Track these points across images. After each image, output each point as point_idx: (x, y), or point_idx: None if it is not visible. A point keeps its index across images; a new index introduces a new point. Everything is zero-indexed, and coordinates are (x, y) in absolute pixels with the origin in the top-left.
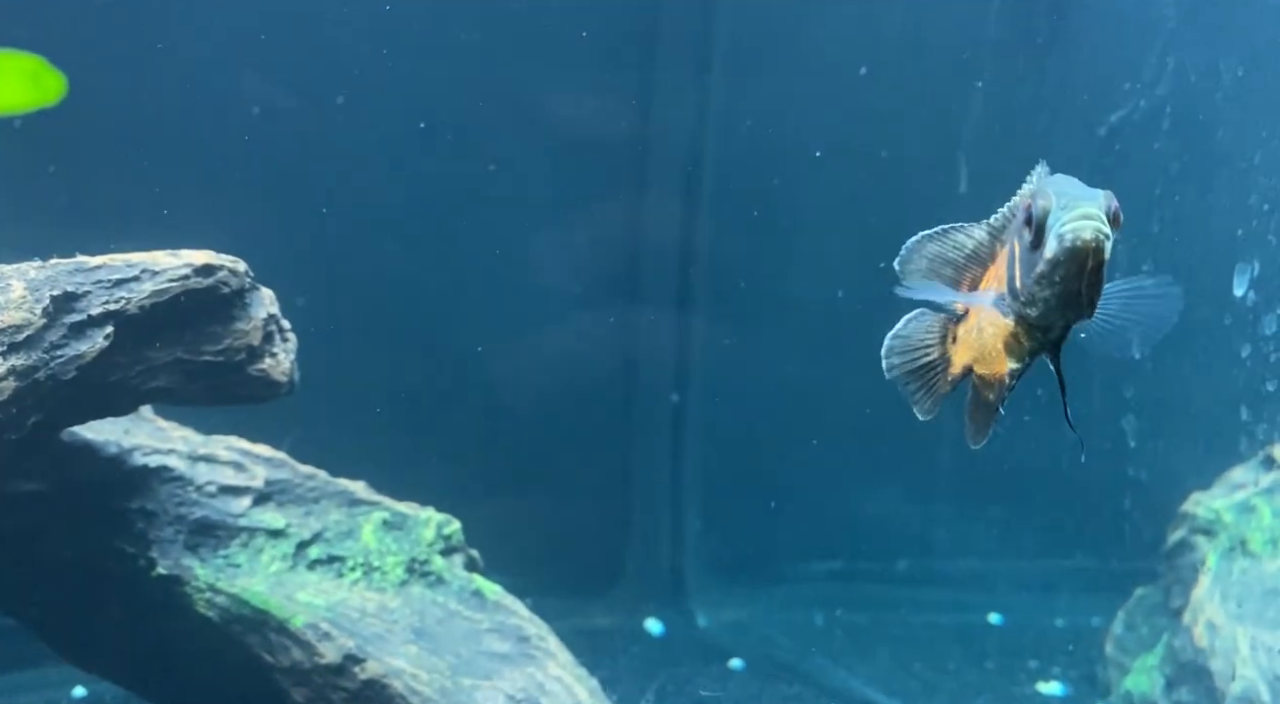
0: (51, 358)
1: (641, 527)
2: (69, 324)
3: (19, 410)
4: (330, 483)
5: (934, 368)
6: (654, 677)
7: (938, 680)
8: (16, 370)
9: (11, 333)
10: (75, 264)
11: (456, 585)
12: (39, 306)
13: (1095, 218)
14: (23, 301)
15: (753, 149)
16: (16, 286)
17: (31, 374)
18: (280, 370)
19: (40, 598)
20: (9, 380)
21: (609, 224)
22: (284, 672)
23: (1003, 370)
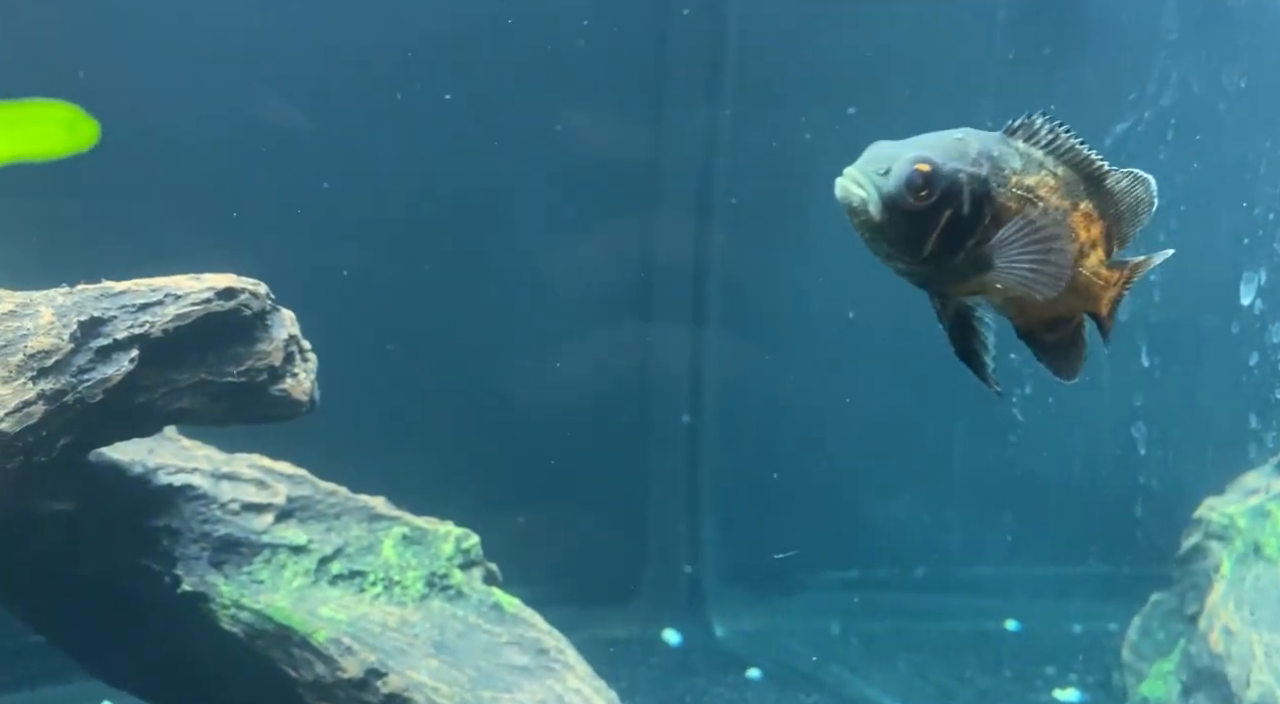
0: (79, 381)
1: (658, 537)
2: (96, 348)
3: (49, 433)
4: (351, 499)
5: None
6: (672, 687)
7: (955, 688)
8: (46, 394)
9: (41, 358)
10: (101, 289)
11: (476, 599)
12: (67, 332)
13: (850, 176)
14: (51, 327)
15: (765, 167)
16: (45, 312)
17: (60, 398)
18: (301, 390)
19: (69, 615)
20: (39, 404)
21: (624, 242)
22: (307, 686)
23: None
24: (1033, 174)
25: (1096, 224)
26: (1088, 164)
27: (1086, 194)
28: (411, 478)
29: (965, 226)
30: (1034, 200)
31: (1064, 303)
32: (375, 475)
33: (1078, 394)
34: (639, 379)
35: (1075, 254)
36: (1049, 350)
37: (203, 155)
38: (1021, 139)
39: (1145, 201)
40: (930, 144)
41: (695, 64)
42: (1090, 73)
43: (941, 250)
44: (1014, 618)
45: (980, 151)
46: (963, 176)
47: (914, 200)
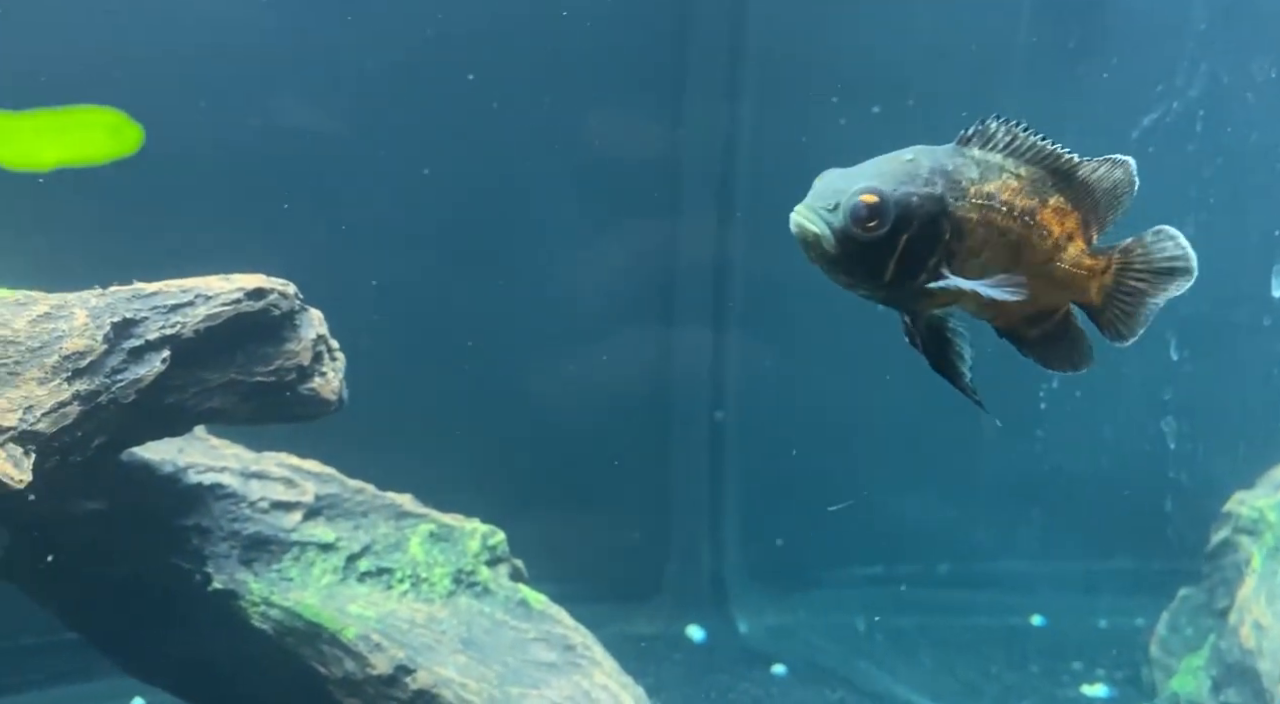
0: (113, 382)
1: (681, 534)
2: (128, 349)
3: (83, 433)
4: (378, 496)
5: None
6: (697, 683)
7: (981, 684)
8: (80, 395)
9: (75, 359)
10: (133, 291)
11: (502, 595)
12: (100, 333)
13: (801, 213)
14: (85, 328)
15: (785, 165)
16: (79, 314)
17: (94, 398)
18: (330, 389)
19: (102, 612)
20: (73, 405)
21: (646, 241)
22: (337, 683)
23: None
24: (992, 180)
25: (1071, 216)
26: (1054, 160)
27: (1056, 189)
28: (437, 476)
29: (924, 247)
30: (996, 205)
31: (1045, 297)
32: (401, 473)
33: (1106, 388)
34: (662, 377)
35: (1049, 250)
36: (1034, 345)
37: (232, 157)
38: (977, 146)
39: (1124, 183)
40: (878, 171)
41: (715, 62)
42: (1116, 64)
43: (903, 274)
44: (1040, 613)
45: (933, 169)
46: (914, 200)
47: (865, 232)
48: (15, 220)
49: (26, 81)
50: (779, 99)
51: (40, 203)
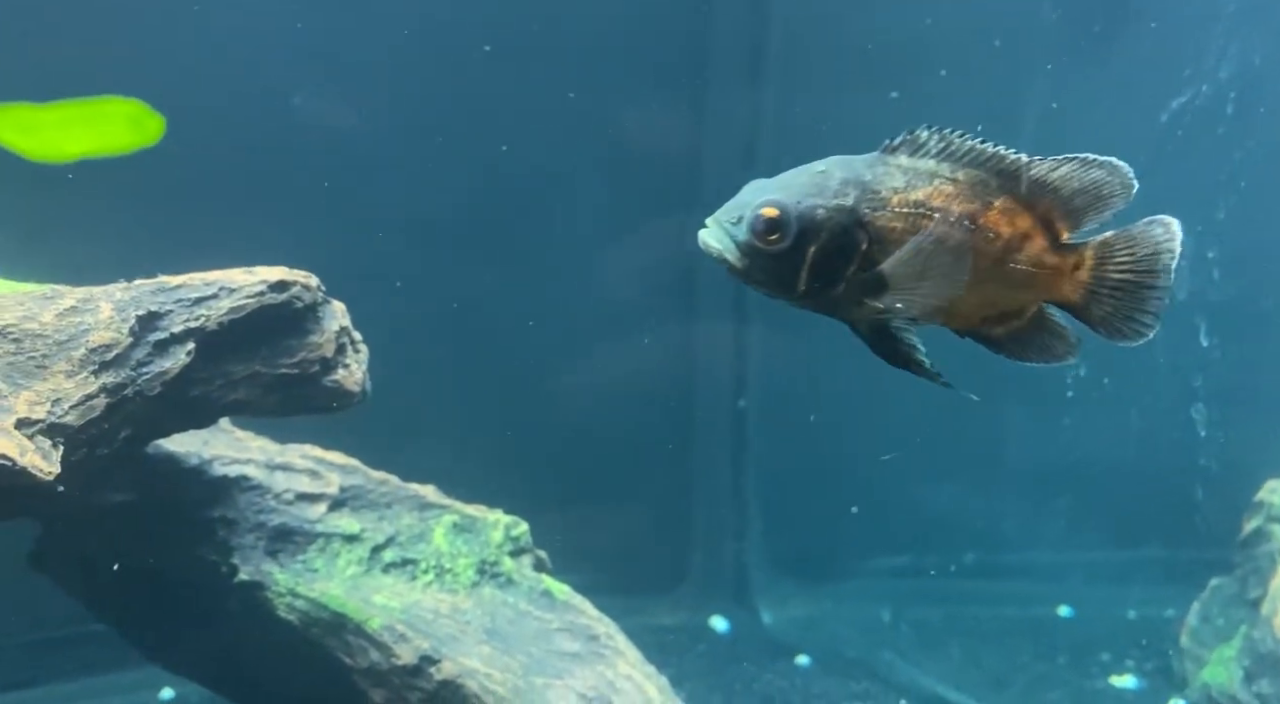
0: (138, 375)
1: (704, 526)
2: (153, 342)
3: (110, 426)
4: (402, 488)
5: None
6: (721, 673)
7: (1008, 675)
8: (107, 388)
9: (102, 352)
10: (157, 284)
11: (526, 586)
12: (125, 326)
13: (708, 228)
14: (111, 322)
15: (808, 155)
16: (105, 307)
17: (120, 391)
18: (353, 380)
19: (130, 604)
20: (100, 397)
21: (668, 232)
22: (362, 673)
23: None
24: (921, 187)
25: (1024, 215)
26: (995, 161)
27: (1002, 191)
28: (459, 467)
29: (839, 258)
30: (927, 213)
31: (1004, 299)
32: (424, 465)
33: (1135, 375)
34: (685, 367)
35: (999, 251)
36: (1004, 343)
37: (254, 150)
38: (905, 155)
39: (1108, 184)
40: (787, 183)
41: (738, 52)
42: (1145, 47)
43: (818, 284)
44: (1067, 604)
45: (845, 180)
46: (820, 212)
47: (767, 245)
48: (42, 216)
49: (51, 75)
50: (801, 87)
51: (65, 198)
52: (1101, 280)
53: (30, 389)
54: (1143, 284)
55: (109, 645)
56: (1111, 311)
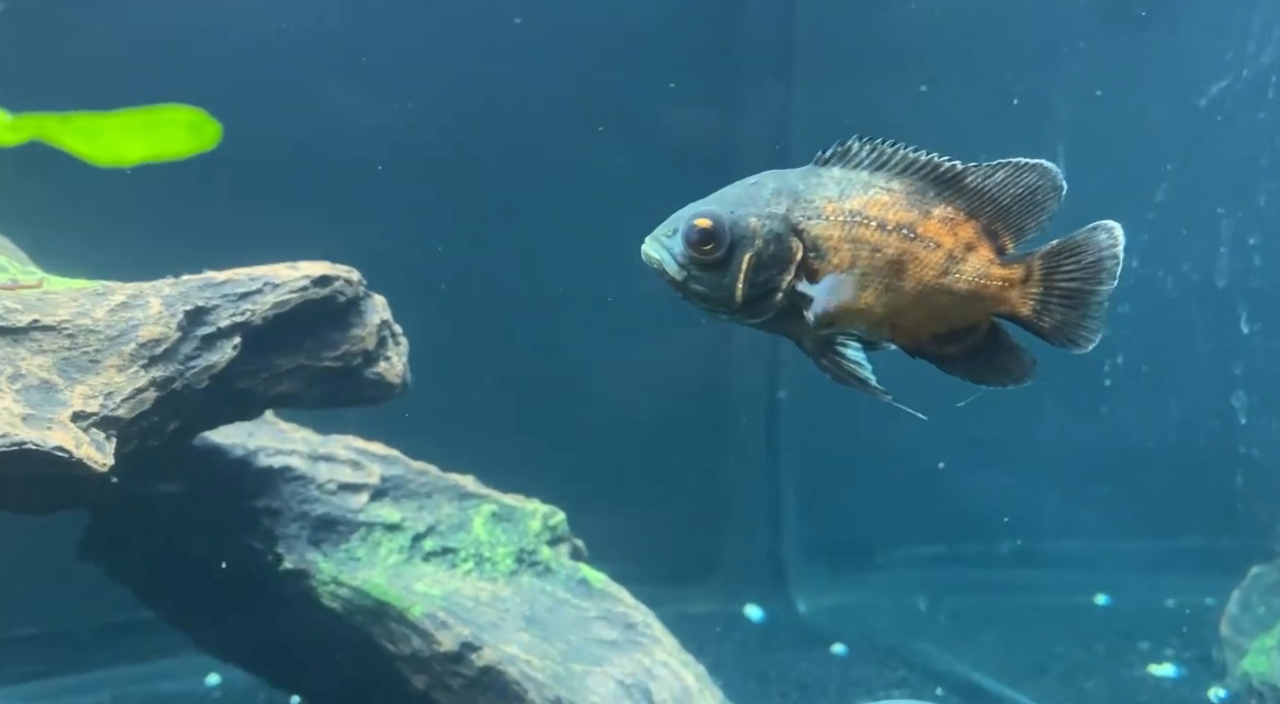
0: (187, 369)
1: (738, 514)
2: (201, 336)
3: (160, 418)
4: (441, 478)
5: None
6: (757, 661)
7: (1046, 663)
8: (157, 381)
9: (151, 346)
10: (204, 280)
11: (563, 574)
12: (174, 321)
13: (648, 243)
14: (160, 317)
15: None
16: (154, 303)
17: (170, 384)
18: (394, 373)
19: (178, 592)
20: (150, 391)
21: None
22: (405, 660)
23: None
24: (856, 196)
25: (965, 225)
26: (930, 170)
27: (942, 200)
28: (496, 458)
29: (774, 266)
30: (863, 221)
31: (953, 313)
32: (461, 455)
33: (1174, 362)
34: (721, 359)
35: (942, 262)
36: (958, 362)
37: (293, 146)
38: (838, 166)
39: (1041, 189)
40: (720, 196)
41: (768, 42)
42: (1185, 31)
43: (756, 294)
44: (1104, 593)
45: (777, 190)
46: (752, 221)
47: (703, 255)
48: (91, 215)
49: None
50: (832, 80)
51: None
52: (1051, 290)
53: (84, 383)
54: (1087, 290)
55: (157, 633)
56: (1062, 320)
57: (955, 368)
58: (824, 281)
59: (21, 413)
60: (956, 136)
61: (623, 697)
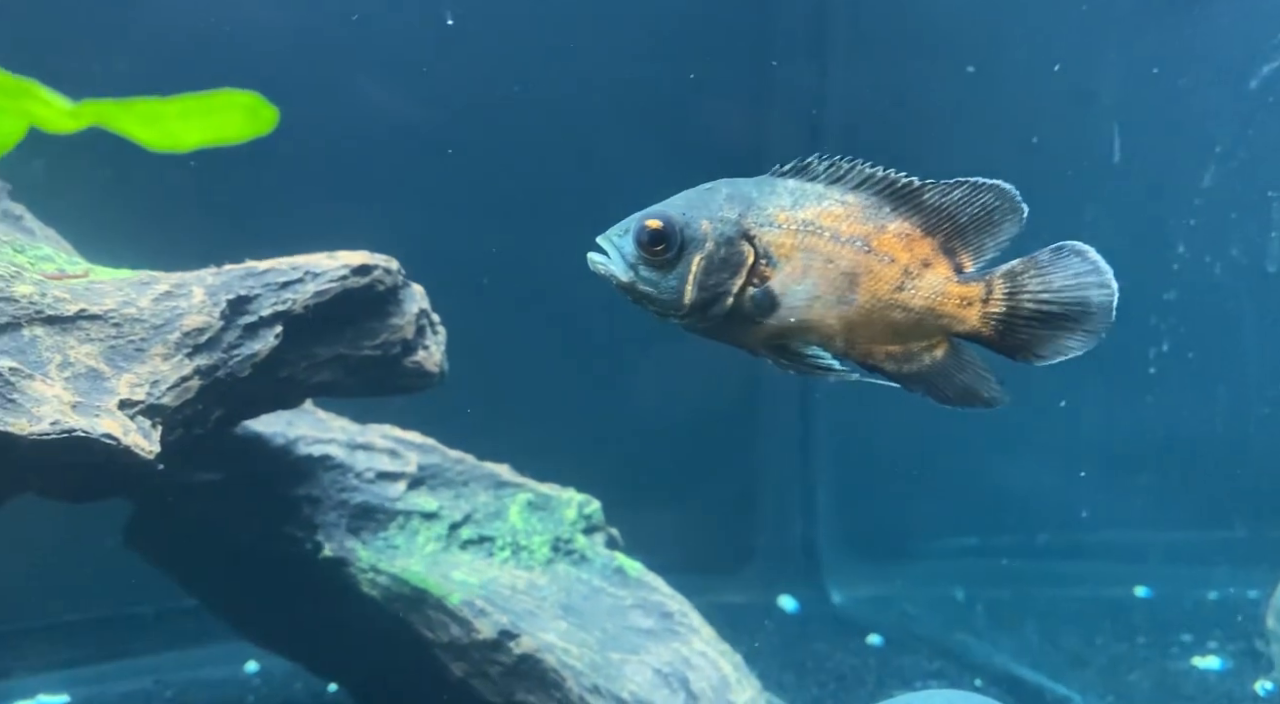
0: (229, 357)
1: (772, 505)
2: (243, 325)
3: (203, 406)
4: (477, 466)
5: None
6: (792, 652)
7: (1087, 655)
8: (201, 370)
9: (195, 335)
10: (246, 269)
11: (599, 563)
12: (217, 310)
13: (598, 242)
14: (203, 306)
15: (876, 133)
16: (197, 292)
17: (213, 373)
18: (432, 362)
19: (219, 579)
20: (194, 379)
21: None
22: (443, 647)
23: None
24: (809, 206)
25: (922, 242)
26: (886, 185)
27: (899, 215)
28: (530, 447)
29: (724, 270)
30: (817, 231)
31: (909, 330)
32: (496, 444)
33: (1221, 350)
34: None
35: (897, 276)
36: (918, 380)
37: (332, 136)
38: (793, 178)
39: (999, 208)
40: (674, 200)
41: (803, 22)
42: (1229, 13)
43: (707, 298)
44: (1144, 585)
45: (731, 196)
46: (703, 224)
47: (653, 255)
48: (136, 205)
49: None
50: (869, 62)
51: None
52: (1015, 311)
53: (130, 371)
54: (1068, 318)
55: (197, 620)
56: (1029, 339)
57: (916, 387)
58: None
59: (71, 400)
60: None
61: (660, 685)
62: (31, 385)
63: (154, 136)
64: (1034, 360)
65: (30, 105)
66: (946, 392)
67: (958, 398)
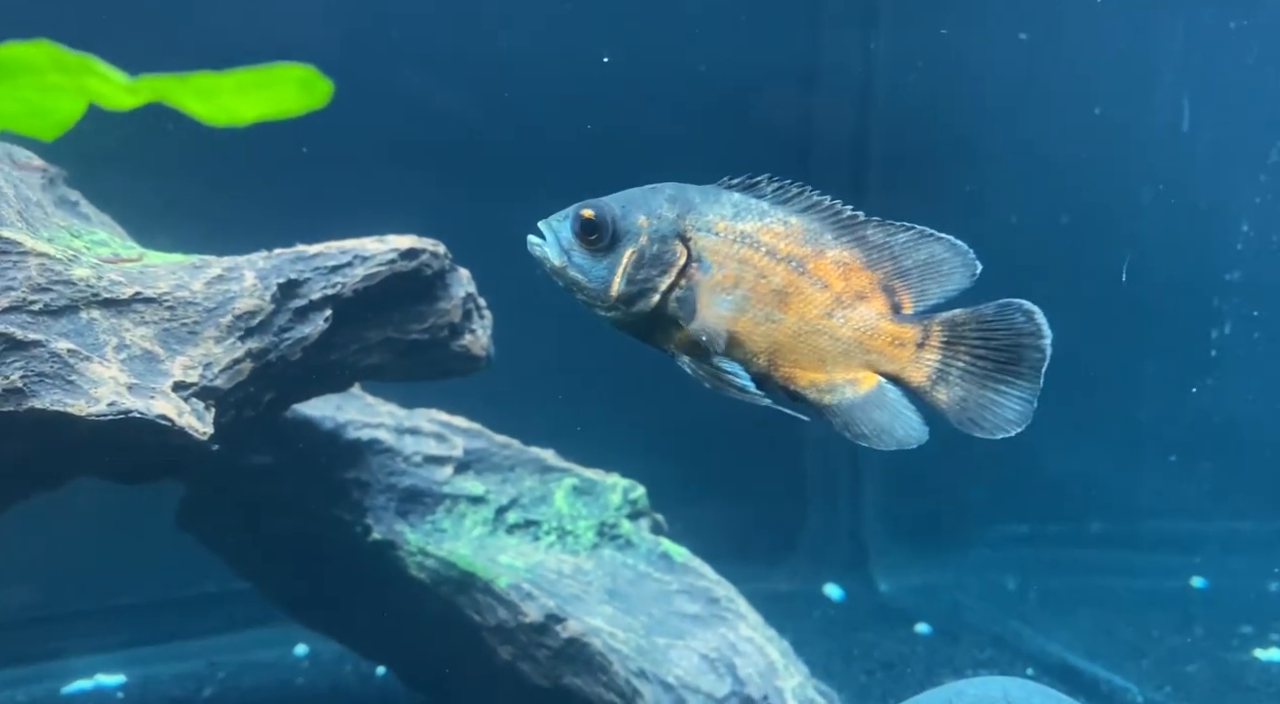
0: (280, 340)
1: (818, 493)
2: (294, 309)
3: (256, 389)
4: (523, 451)
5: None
6: (839, 640)
7: (1144, 646)
8: (253, 353)
9: (247, 318)
10: (296, 253)
11: (644, 548)
12: (268, 293)
13: (539, 225)
14: (254, 289)
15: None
16: (249, 276)
17: (265, 356)
18: (479, 345)
19: (269, 562)
20: (247, 362)
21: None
22: (491, 630)
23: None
24: (749, 220)
25: (861, 274)
26: (828, 212)
27: (840, 244)
28: (575, 433)
29: (654, 267)
30: (754, 245)
31: (835, 360)
32: (541, 429)
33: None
34: None
35: (828, 303)
36: (833, 412)
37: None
38: (740, 191)
39: (949, 263)
40: (618, 195)
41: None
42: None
43: (633, 292)
44: (1201, 575)
45: (672, 197)
46: (639, 219)
47: (586, 244)
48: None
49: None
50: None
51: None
52: (952, 362)
53: (184, 354)
54: (1003, 377)
55: (247, 603)
56: (964, 396)
57: (833, 418)
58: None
59: (127, 382)
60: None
61: (707, 670)
62: (89, 367)
63: (211, 111)
64: (973, 428)
65: (89, 81)
66: (862, 429)
67: (873, 436)
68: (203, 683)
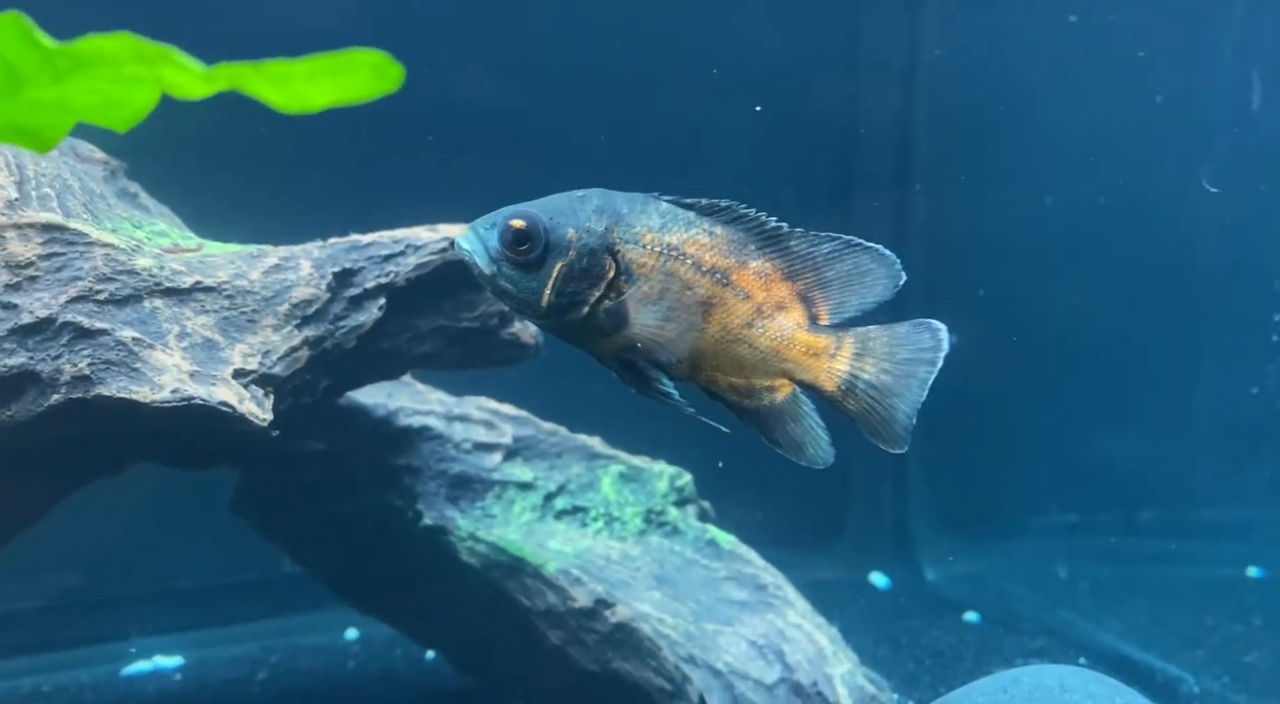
0: (336, 329)
1: (863, 480)
2: (348, 298)
3: (312, 376)
4: (570, 438)
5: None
6: (886, 628)
7: (1198, 635)
8: (309, 340)
9: (303, 307)
10: (350, 242)
11: (692, 535)
12: (323, 282)
13: (465, 234)
14: (310, 278)
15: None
16: (305, 265)
17: (321, 343)
18: (529, 334)
19: (322, 547)
20: (304, 350)
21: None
22: (540, 615)
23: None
24: (676, 231)
25: (781, 285)
26: (754, 224)
27: (764, 255)
28: (620, 421)
29: (584, 280)
30: (679, 256)
31: (754, 368)
32: (587, 416)
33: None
34: None
35: (749, 313)
36: (752, 416)
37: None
38: (668, 202)
39: (874, 273)
40: (545, 202)
41: None
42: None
43: (564, 303)
44: (1258, 565)
45: (600, 208)
46: (568, 233)
47: (516, 255)
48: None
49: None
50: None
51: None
52: (857, 375)
53: (244, 341)
54: (895, 390)
55: (300, 588)
56: (867, 409)
57: (751, 422)
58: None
59: (189, 369)
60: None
61: (755, 657)
62: (153, 355)
63: (284, 98)
64: (878, 440)
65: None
66: (776, 436)
67: (785, 445)
68: (257, 666)
